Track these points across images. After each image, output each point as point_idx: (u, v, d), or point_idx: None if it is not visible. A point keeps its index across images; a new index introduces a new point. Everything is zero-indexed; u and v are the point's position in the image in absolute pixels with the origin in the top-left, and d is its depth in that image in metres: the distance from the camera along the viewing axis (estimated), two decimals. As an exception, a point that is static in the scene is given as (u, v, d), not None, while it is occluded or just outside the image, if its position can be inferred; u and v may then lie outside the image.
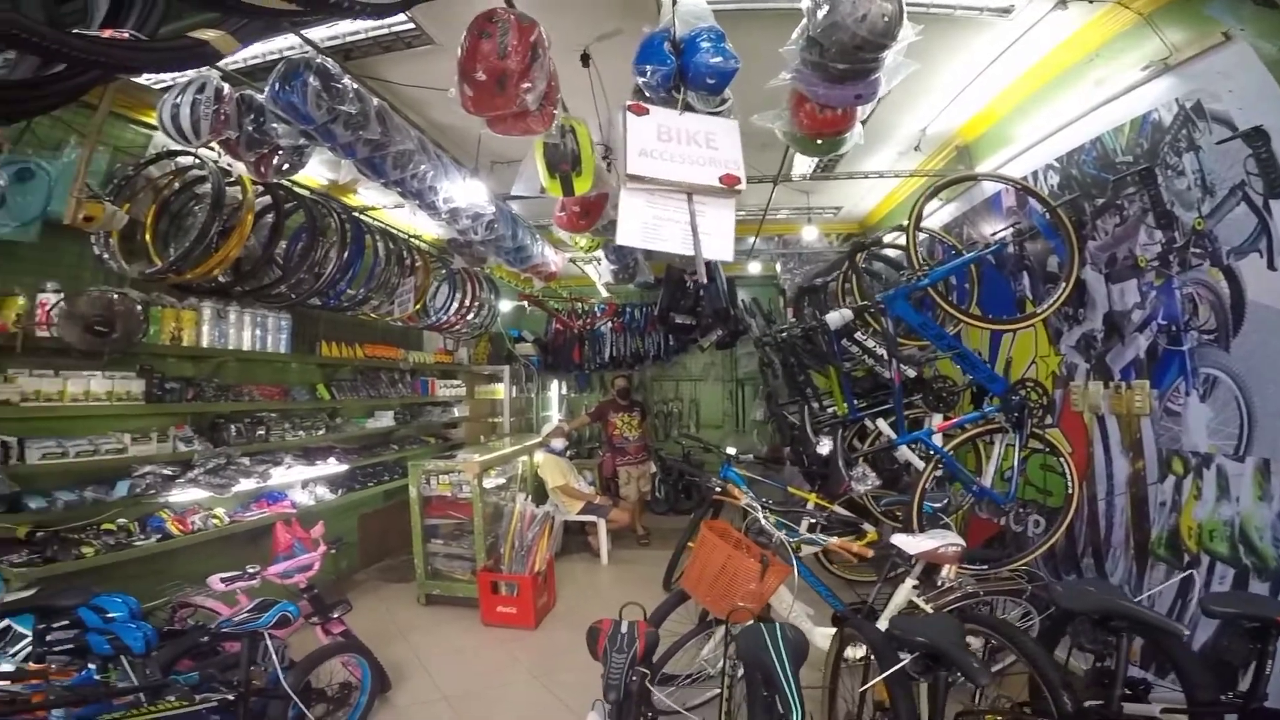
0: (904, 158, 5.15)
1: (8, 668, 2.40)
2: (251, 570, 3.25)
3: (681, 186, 2.23)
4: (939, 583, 2.92)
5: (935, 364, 4.57)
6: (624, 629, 2.27)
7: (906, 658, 2.00)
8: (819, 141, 2.94)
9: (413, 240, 5.62)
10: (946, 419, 3.79)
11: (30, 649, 2.47)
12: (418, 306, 5.49)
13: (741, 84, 2.52)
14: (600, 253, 6.12)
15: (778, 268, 7.44)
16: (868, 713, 2.44)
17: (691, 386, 9.90)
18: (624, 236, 2.17)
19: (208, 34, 1.63)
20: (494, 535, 5.04)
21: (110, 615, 2.47)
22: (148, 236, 3.62)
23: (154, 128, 3.69)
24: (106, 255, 3.46)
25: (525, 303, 8.82)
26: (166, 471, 3.62)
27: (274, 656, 2.55)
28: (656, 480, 8.08)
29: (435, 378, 7.14)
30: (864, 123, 2.84)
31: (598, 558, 6.33)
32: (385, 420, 6.06)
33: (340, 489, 5.21)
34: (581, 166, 3.63)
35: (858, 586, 4.39)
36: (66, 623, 2.48)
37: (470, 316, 6.28)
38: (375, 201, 5.56)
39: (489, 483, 5.36)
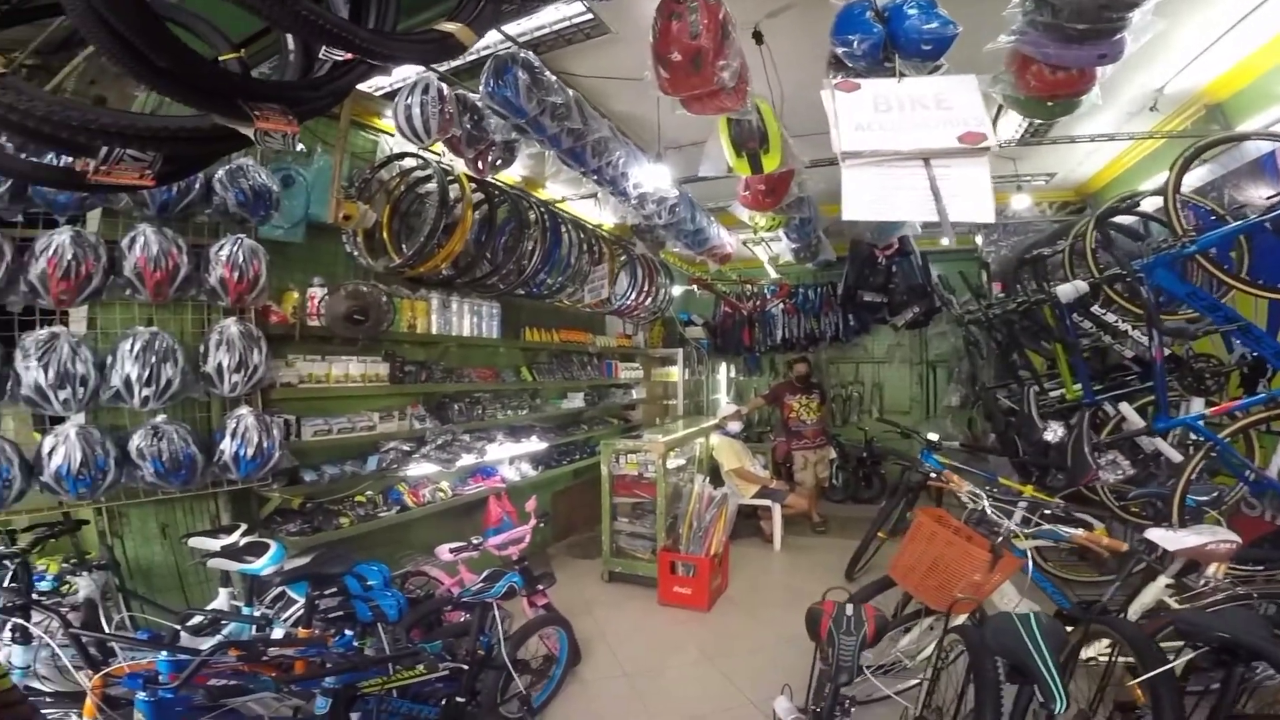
0: (1134, 119, 4.56)
1: (280, 633, 2.59)
2: (475, 541, 3.57)
3: (911, 154, 2.06)
4: (1203, 582, 2.62)
5: (1189, 343, 3.91)
6: (849, 611, 2.19)
7: (1176, 658, 1.89)
8: (1050, 104, 2.70)
9: (598, 230, 5.88)
10: (1211, 403, 3.33)
11: (300, 614, 2.69)
12: (607, 295, 5.75)
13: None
14: (779, 233, 5.97)
15: (978, 240, 6.71)
16: (1103, 714, 2.30)
17: (874, 369, 9.31)
18: (850, 211, 2.08)
19: (450, 26, 1.72)
20: (673, 515, 5.13)
21: (369, 583, 2.72)
22: (385, 234, 4.13)
23: (380, 133, 4.21)
24: (356, 253, 4.01)
25: (694, 287, 8.88)
26: (405, 447, 4.13)
27: (499, 627, 2.68)
28: (834, 467, 7.74)
29: (618, 361, 7.42)
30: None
31: (770, 543, 6.22)
32: (576, 401, 6.41)
33: (540, 466, 5.62)
34: (769, 144, 3.52)
35: (1075, 587, 3.98)
36: (334, 590, 2.67)
37: (648, 301, 6.47)
38: (562, 194, 5.87)
39: (670, 463, 5.46)
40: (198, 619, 2.61)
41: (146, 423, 2.92)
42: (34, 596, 2.34)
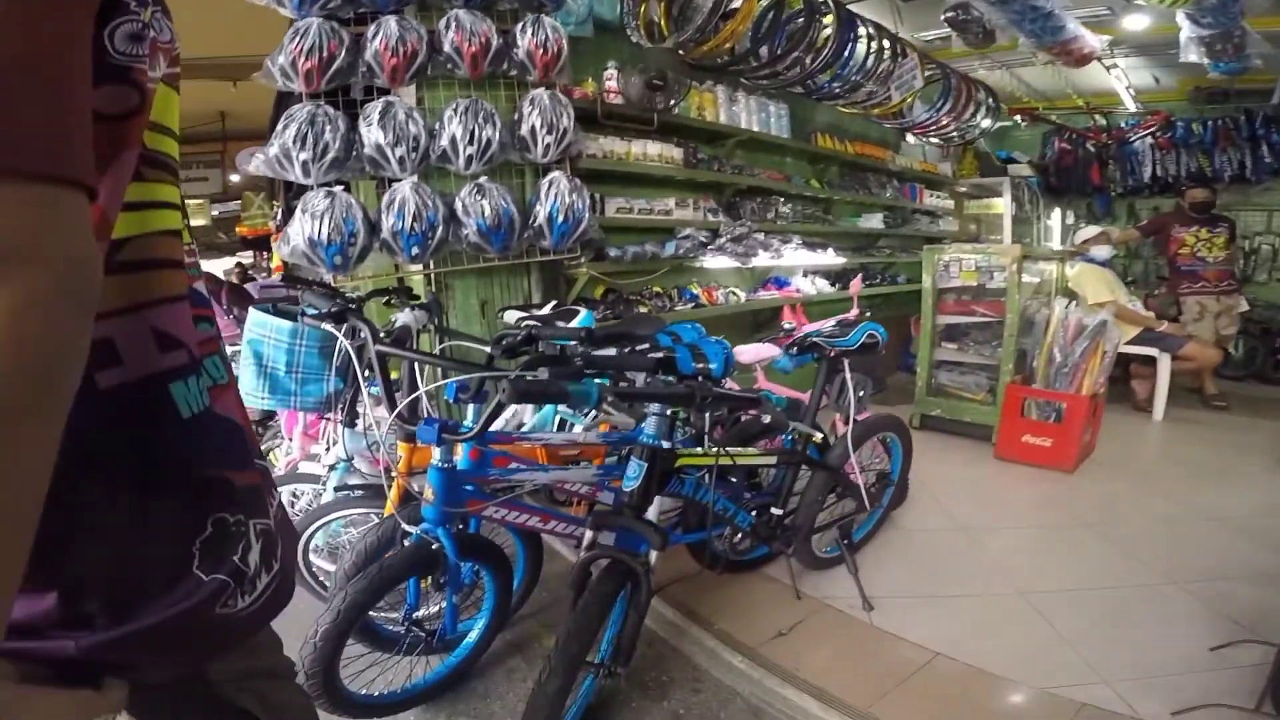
0: None
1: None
2: (787, 327, 3.17)
3: None
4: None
5: None
6: None
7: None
8: None
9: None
10: None
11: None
12: (910, 98, 4.72)
13: None
14: (1179, 15, 4.04)
15: None
16: None
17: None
18: None
19: None
20: (1021, 348, 4.08)
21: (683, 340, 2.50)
22: (662, 20, 3.63)
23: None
24: (638, 39, 3.60)
25: (1017, 118, 7.17)
26: (701, 237, 3.81)
27: (851, 394, 2.19)
28: (1239, 326, 5.68)
29: (922, 186, 6.20)
30: None
31: (1144, 410, 4.80)
32: (874, 221, 5.53)
33: (837, 283, 4.97)
34: None
35: None
36: (646, 347, 2.53)
37: (966, 116, 5.37)
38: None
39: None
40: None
41: (470, 183, 2.91)
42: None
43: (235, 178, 7.63)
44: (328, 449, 2.50)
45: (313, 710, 0.88)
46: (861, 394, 2.33)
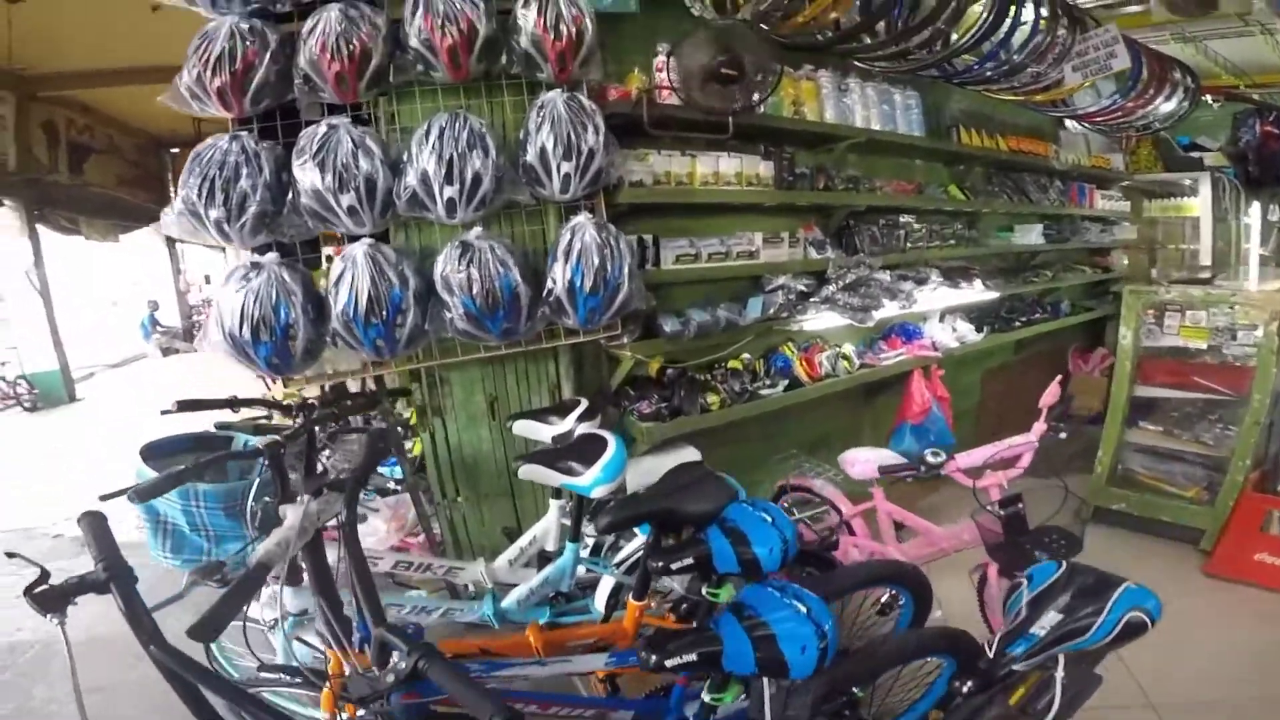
0: None
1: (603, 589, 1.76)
2: (933, 459, 2.07)
3: None
4: None
5: None
6: None
7: None
8: None
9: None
10: None
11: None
12: (1089, 83, 3.50)
13: None
14: None
15: None
16: None
17: None
18: None
19: None
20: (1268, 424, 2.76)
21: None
22: None
23: None
24: (701, 11, 2.50)
25: (1209, 98, 5.57)
26: (799, 285, 2.71)
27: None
28: None
29: (1092, 185, 4.74)
30: None
31: None
32: (1031, 236, 4.18)
33: (985, 327, 3.68)
34: None
35: None
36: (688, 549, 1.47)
37: (1156, 102, 4.01)
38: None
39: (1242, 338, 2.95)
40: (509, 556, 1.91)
41: (453, 240, 1.96)
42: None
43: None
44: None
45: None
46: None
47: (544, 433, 2.07)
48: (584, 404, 2.12)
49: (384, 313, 1.89)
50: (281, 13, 2.01)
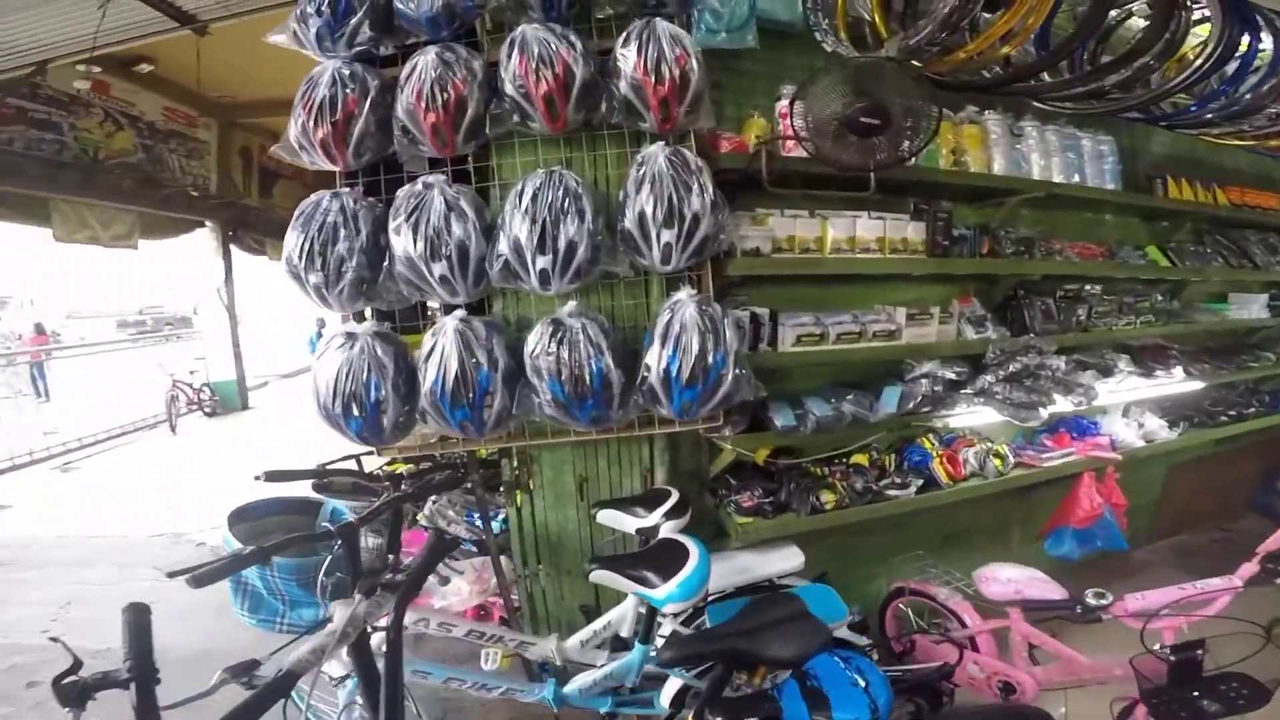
0: None
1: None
2: (1095, 600, 1.73)
3: None
4: None
5: None
6: None
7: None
8: None
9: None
10: None
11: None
12: None
13: None
14: None
15: None
16: None
17: None
18: None
19: None
20: None
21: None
22: (877, 14, 2.16)
23: None
24: (834, 45, 2.16)
25: None
26: (949, 374, 2.26)
27: None
28: None
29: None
30: None
31: None
32: (1252, 309, 3.34)
33: (1183, 422, 2.97)
34: None
35: None
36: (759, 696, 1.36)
37: None
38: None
39: None
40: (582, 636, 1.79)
41: (546, 317, 1.80)
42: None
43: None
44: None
45: None
46: None
47: (628, 523, 1.90)
48: (674, 498, 1.90)
49: (470, 395, 1.75)
50: (386, 55, 1.95)
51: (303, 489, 2.06)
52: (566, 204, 1.73)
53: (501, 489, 2.22)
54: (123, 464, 6.75)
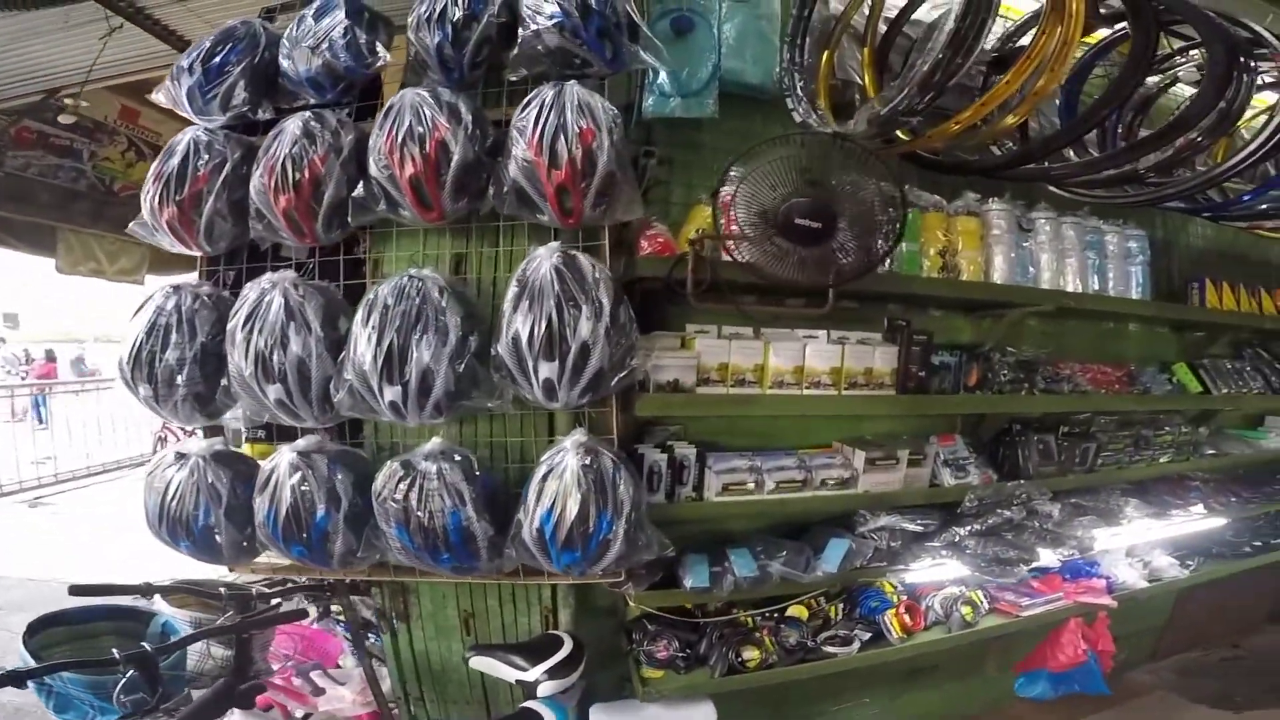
0: None
1: None
2: None
3: None
4: None
5: None
6: None
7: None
8: None
9: None
10: None
11: None
12: None
13: None
14: None
15: None
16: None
17: None
18: None
19: None
20: None
21: None
22: (866, 75, 1.79)
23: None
24: (806, 117, 1.75)
25: None
26: (913, 527, 1.87)
27: None
28: None
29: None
30: None
31: None
32: (1289, 435, 2.86)
33: (1195, 559, 2.55)
34: None
35: None
36: None
37: None
38: None
39: None
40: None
41: (395, 458, 1.50)
42: None
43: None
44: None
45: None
46: None
47: (506, 674, 1.61)
48: (565, 650, 1.62)
49: (305, 534, 1.47)
50: (267, 120, 1.66)
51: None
52: (425, 319, 1.42)
53: (375, 616, 1.94)
54: (94, 503, 6.48)
